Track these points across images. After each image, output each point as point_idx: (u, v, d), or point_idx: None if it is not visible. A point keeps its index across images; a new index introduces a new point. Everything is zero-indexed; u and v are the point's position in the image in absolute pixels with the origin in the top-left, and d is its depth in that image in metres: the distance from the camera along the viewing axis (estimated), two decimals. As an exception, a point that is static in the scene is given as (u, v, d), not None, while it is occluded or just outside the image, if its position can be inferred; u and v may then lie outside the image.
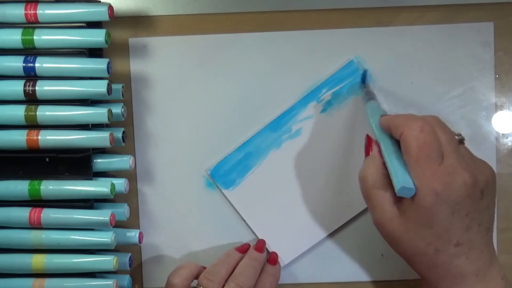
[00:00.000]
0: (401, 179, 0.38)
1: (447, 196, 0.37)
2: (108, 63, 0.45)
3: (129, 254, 0.49)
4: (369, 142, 0.42)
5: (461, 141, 0.41)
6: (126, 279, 0.49)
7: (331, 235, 0.50)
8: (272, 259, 0.49)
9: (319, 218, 0.50)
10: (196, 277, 0.46)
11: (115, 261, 0.46)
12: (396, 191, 0.38)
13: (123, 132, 0.48)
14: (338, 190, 0.50)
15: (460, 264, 0.39)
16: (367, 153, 0.42)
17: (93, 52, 0.47)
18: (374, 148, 0.41)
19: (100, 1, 0.47)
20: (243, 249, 0.49)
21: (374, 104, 0.46)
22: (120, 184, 0.48)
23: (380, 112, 0.44)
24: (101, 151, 0.49)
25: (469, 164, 0.39)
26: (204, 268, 0.47)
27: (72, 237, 0.46)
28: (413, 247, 0.39)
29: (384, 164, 0.40)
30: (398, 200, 0.39)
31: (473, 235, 0.38)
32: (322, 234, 0.50)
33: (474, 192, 0.38)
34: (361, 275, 0.41)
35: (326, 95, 0.50)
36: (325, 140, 0.50)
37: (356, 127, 0.49)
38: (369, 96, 0.47)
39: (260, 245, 0.49)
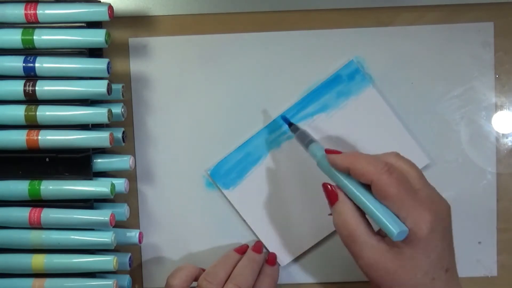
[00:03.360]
0: (395, 225, 0.38)
1: (438, 223, 0.38)
2: (108, 63, 0.45)
3: (129, 254, 0.49)
4: (328, 189, 0.41)
5: None
6: (126, 279, 0.49)
7: (331, 235, 0.50)
8: (271, 259, 0.49)
9: (319, 218, 0.50)
10: (195, 279, 0.47)
11: (115, 261, 0.46)
12: (393, 237, 0.38)
13: (123, 132, 0.48)
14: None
15: None
16: (333, 199, 0.41)
17: (93, 52, 0.47)
18: (341, 193, 0.41)
19: (100, 1, 0.47)
20: (242, 250, 0.49)
21: (318, 146, 0.44)
22: (120, 184, 0.48)
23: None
24: (101, 151, 0.49)
25: (436, 191, 0.40)
26: (203, 270, 0.47)
27: (72, 237, 0.46)
28: (411, 280, 0.38)
29: (356, 206, 0.40)
30: (382, 236, 0.40)
31: (452, 259, 0.39)
32: (322, 234, 0.50)
33: (450, 216, 0.39)
34: (361, 275, 0.41)
35: (326, 95, 0.50)
36: (325, 140, 0.50)
37: (355, 127, 0.49)
38: (307, 139, 0.46)
39: (258, 245, 0.49)
